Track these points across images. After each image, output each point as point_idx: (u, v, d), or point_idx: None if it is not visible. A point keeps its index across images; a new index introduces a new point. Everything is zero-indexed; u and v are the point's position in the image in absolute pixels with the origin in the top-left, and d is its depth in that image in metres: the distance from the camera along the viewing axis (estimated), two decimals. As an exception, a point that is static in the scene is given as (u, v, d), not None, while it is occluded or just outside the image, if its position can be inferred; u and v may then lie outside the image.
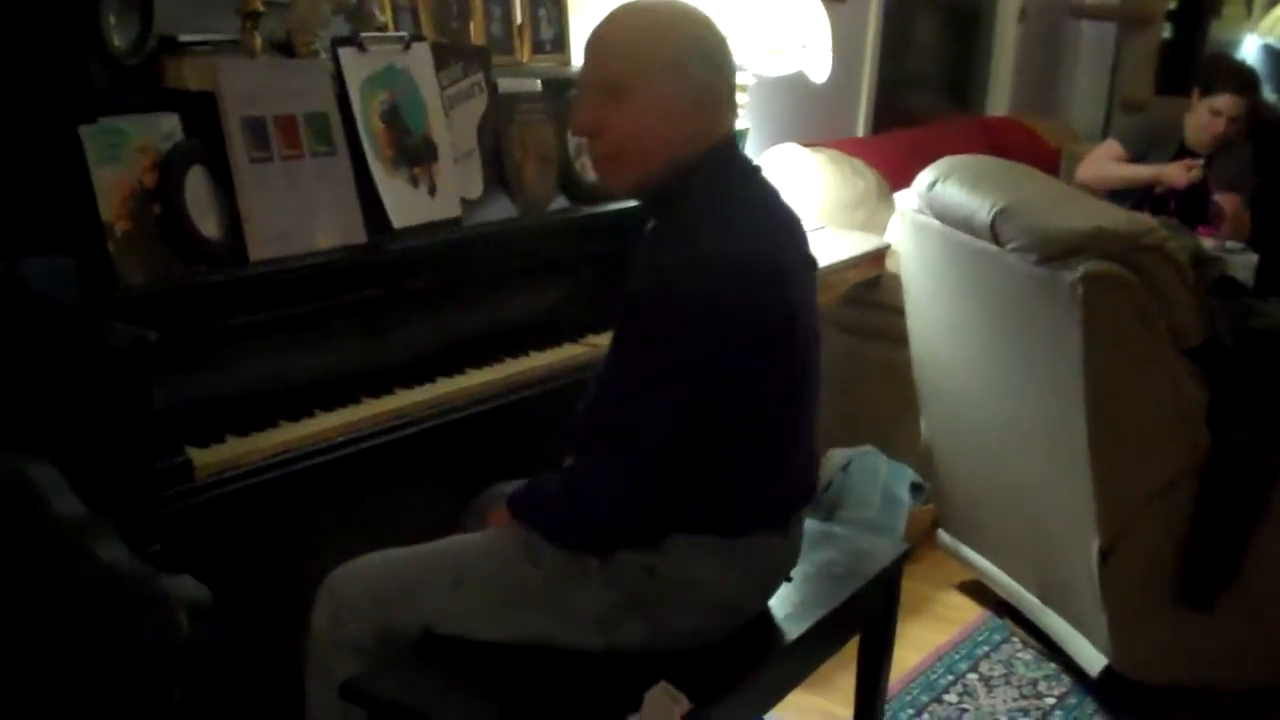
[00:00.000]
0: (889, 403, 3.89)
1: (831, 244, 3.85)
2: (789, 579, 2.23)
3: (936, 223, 3.28)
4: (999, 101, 6.27)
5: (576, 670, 1.99)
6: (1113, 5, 6.79)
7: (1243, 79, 4.70)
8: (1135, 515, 2.89)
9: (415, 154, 2.54)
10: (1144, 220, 2.96)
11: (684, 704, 1.86)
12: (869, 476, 3.72)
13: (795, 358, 2.05)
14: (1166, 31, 7.05)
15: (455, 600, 2.02)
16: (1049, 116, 6.40)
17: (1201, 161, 4.52)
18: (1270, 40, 6.87)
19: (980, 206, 3.06)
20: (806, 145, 4.29)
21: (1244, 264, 4.20)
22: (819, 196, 4.11)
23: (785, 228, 2.09)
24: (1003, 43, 6.26)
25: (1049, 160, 5.55)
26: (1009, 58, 6.28)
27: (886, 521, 3.64)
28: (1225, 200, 4.46)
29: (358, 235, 2.38)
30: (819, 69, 3.83)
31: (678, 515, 2.02)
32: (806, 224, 2.16)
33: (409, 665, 1.98)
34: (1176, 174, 4.51)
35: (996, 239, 3.00)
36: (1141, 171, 4.62)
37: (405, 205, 2.50)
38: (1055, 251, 2.83)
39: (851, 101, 5.07)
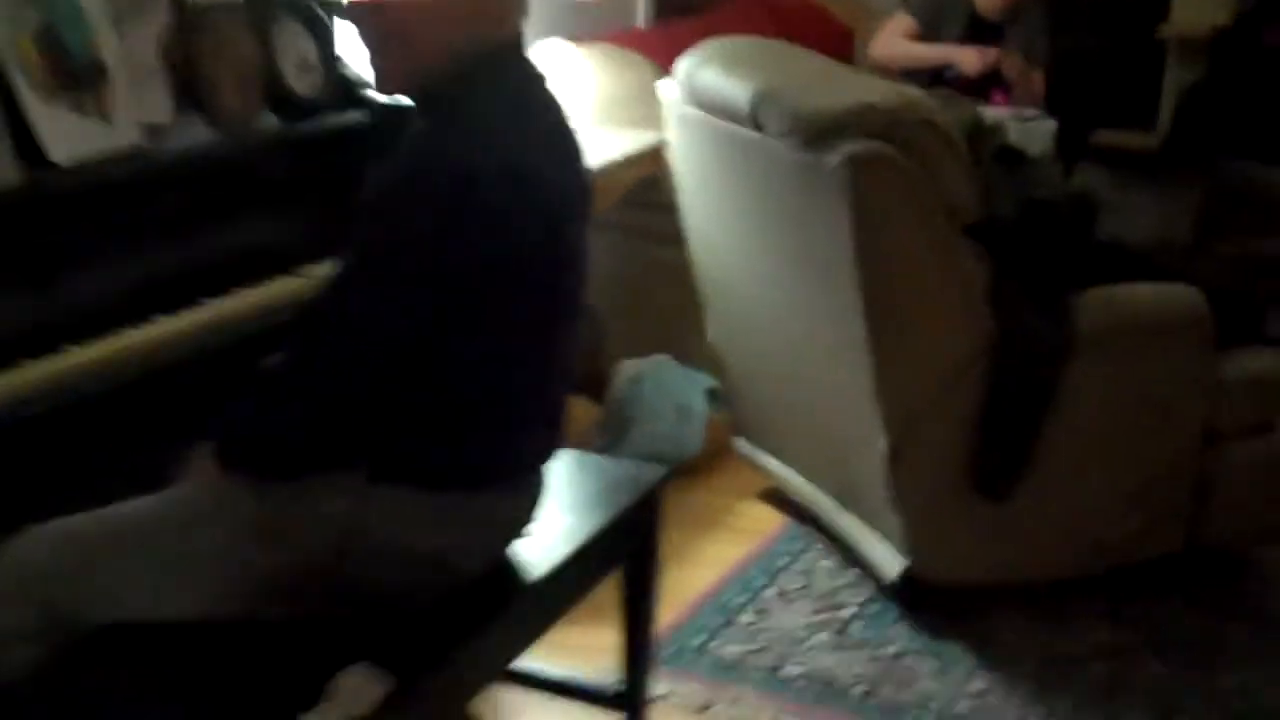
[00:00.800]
0: (680, 307, 3.67)
1: (604, 143, 3.61)
2: (526, 534, 2.01)
3: (699, 112, 3.06)
4: (792, -19, 6.03)
5: (265, 652, 1.72)
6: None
7: (1029, -60, 4.55)
8: (922, 408, 2.73)
9: (80, 79, 2.22)
10: (910, 93, 2.77)
11: (383, 685, 1.63)
12: (661, 388, 3.52)
13: (553, 290, 1.86)
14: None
15: (124, 573, 1.77)
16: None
17: (997, 51, 4.37)
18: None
19: (740, 91, 2.85)
20: (577, 41, 4.02)
21: (1042, 132, 4.06)
22: (589, 94, 3.85)
23: (562, 147, 1.90)
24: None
25: (843, 41, 5.35)
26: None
27: (681, 433, 3.45)
28: (1009, 64, 4.34)
29: (8, 175, 2.08)
30: (575, -44, 3.57)
31: (391, 461, 1.81)
32: (575, 124, 1.94)
33: (60, 663, 1.71)
34: (970, 59, 4.35)
35: (758, 125, 2.79)
36: (934, 52, 4.45)
37: (70, 137, 2.18)
38: (816, 133, 2.64)
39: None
